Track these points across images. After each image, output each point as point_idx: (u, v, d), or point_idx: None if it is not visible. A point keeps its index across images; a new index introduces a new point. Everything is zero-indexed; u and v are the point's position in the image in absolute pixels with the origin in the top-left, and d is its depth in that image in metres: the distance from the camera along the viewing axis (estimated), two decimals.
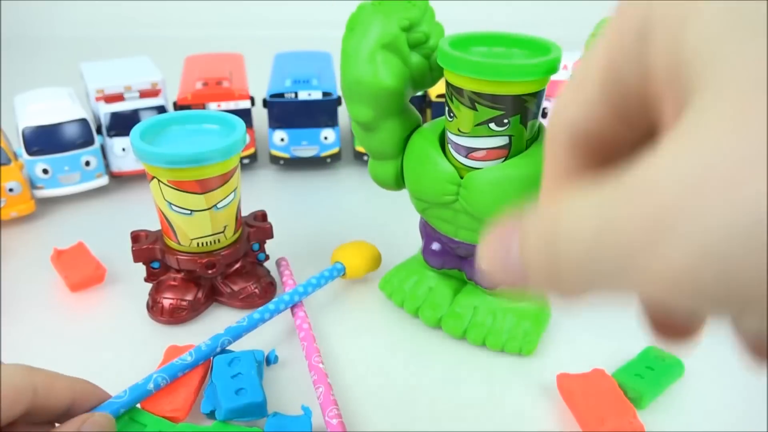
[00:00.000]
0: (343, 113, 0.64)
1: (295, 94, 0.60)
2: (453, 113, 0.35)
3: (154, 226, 0.43)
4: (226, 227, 0.41)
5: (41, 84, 0.62)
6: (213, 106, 0.60)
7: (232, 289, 0.43)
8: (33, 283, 0.46)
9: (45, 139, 0.55)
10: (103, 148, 0.58)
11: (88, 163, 0.56)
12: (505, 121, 0.34)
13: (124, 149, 0.58)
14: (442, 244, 0.40)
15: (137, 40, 1.05)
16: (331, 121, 0.61)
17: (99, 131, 0.59)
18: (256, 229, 0.44)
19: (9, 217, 0.53)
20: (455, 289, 0.42)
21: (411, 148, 0.38)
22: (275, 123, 0.61)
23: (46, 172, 0.55)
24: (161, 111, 0.59)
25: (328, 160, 0.63)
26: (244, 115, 0.60)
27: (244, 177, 0.62)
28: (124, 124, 0.58)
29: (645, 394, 0.35)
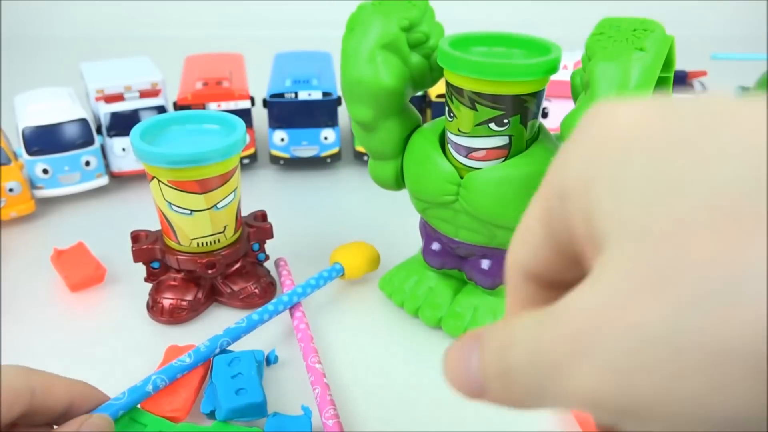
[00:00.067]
0: (343, 113, 0.64)
1: (295, 94, 0.60)
2: (453, 113, 0.35)
3: (154, 226, 0.43)
4: (226, 227, 0.41)
5: (41, 84, 0.62)
6: (213, 106, 0.60)
7: (232, 289, 0.43)
8: (33, 283, 0.46)
9: (45, 139, 0.55)
10: (103, 148, 0.58)
11: (88, 163, 0.56)
12: (505, 121, 0.34)
13: (124, 149, 0.58)
14: (442, 244, 0.40)
15: (137, 40, 1.05)
16: (331, 121, 0.61)
17: (99, 131, 0.59)
18: (256, 229, 0.44)
19: (9, 217, 0.53)
20: (455, 289, 0.42)
21: (411, 148, 0.38)
22: (275, 123, 0.61)
23: (46, 172, 0.55)
24: (161, 111, 0.59)
25: (328, 160, 0.63)
26: (244, 115, 0.60)
27: (244, 177, 0.62)
28: (124, 124, 0.58)
29: None
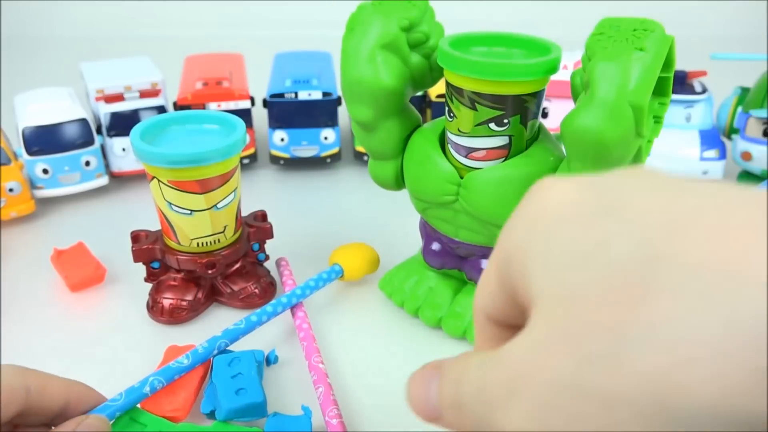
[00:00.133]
0: (343, 113, 0.64)
1: (295, 94, 0.60)
2: (453, 113, 0.35)
3: (154, 226, 0.43)
4: (226, 227, 0.41)
5: (41, 84, 0.62)
6: (213, 106, 0.60)
7: (232, 289, 0.43)
8: (33, 283, 0.46)
9: (45, 139, 0.55)
10: (103, 148, 0.58)
11: (88, 163, 0.56)
12: (505, 121, 0.34)
13: (124, 149, 0.58)
14: (442, 244, 0.40)
15: (137, 40, 1.05)
16: (331, 121, 0.61)
17: (99, 131, 0.59)
18: (256, 229, 0.44)
19: (9, 217, 0.53)
20: (455, 289, 0.42)
21: (411, 148, 0.38)
22: (275, 123, 0.61)
23: (46, 172, 0.55)
24: (161, 111, 0.59)
25: (328, 160, 0.63)
26: (244, 115, 0.60)
27: (244, 177, 0.62)
28: (124, 124, 0.58)
29: None
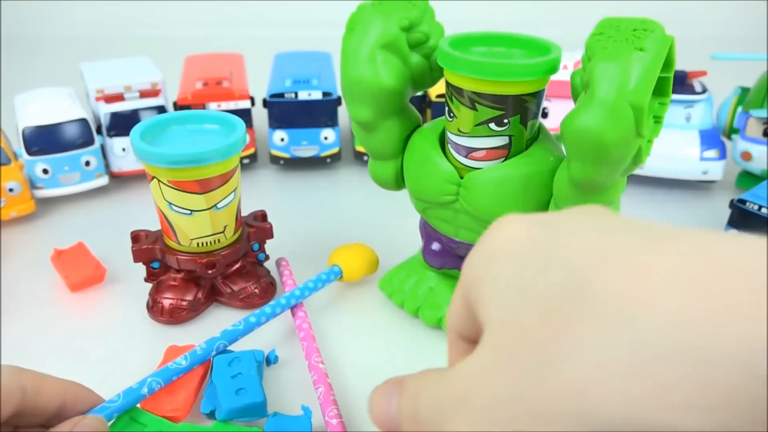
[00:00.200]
0: (343, 113, 0.64)
1: (295, 94, 0.60)
2: (453, 113, 0.35)
3: (154, 226, 0.43)
4: (226, 227, 0.41)
5: (41, 84, 0.62)
6: (213, 106, 0.60)
7: (232, 289, 0.43)
8: (33, 282, 0.46)
9: (45, 139, 0.55)
10: (103, 148, 0.58)
11: (88, 163, 0.56)
12: (505, 121, 0.34)
13: (124, 149, 0.58)
14: (442, 244, 0.40)
15: (137, 40, 1.05)
16: (331, 121, 0.61)
17: (99, 131, 0.59)
18: (256, 229, 0.44)
19: (9, 217, 0.53)
20: (455, 289, 0.42)
21: (411, 148, 0.38)
22: (275, 123, 0.61)
23: (46, 172, 0.55)
24: (161, 111, 0.59)
25: (328, 160, 0.63)
26: (244, 115, 0.60)
27: (244, 177, 0.62)
28: (124, 124, 0.58)
29: None
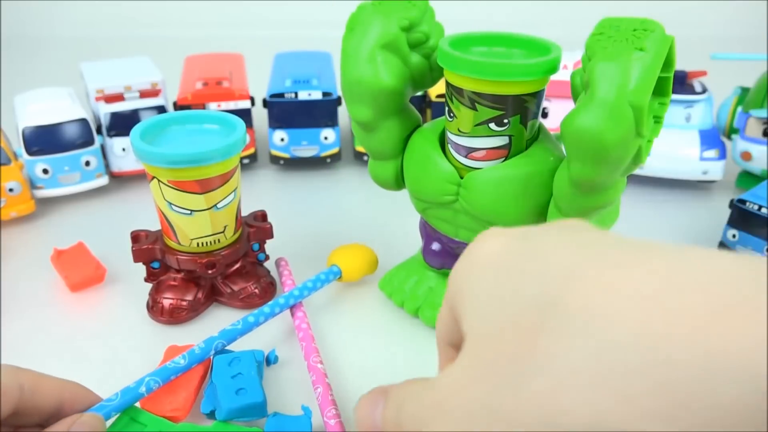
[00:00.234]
0: (343, 113, 0.64)
1: (295, 94, 0.60)
2: (453, 113, 0.35)
3: (154, 226, 0.43)
4: (226, 227, 0.41)
5: (41, 84, 0.62)
6: (213, 106, 0.60)
7: (232, 289, 0.43)
8: (33, 282, 0.46)
9: (45, 139, 0.55)
10: (103, 148, 0.58)
11: (88, 163, 0.56)
12: (505, 121, 0.34)
13: (124, 149, 0.58)
14: (442, 244, 0.40)
15: (137, 40, 1.05)
16: (331, 121, 0.61)
17: (99, 131, 0.59)
18: (256, 229, 0.44)
19: (9, 217, 0.53)
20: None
21: (411, 148, 0.38)
22: (275, 123, 0.61)
23: (46, 172, 0.55)
24: (161, 111, 0.59)
25: (328, 160, 0.63)
26: (244, 115, 0.60)
27: (244, 177, 0.62)
28: (124, 124, 0.58)
29: None
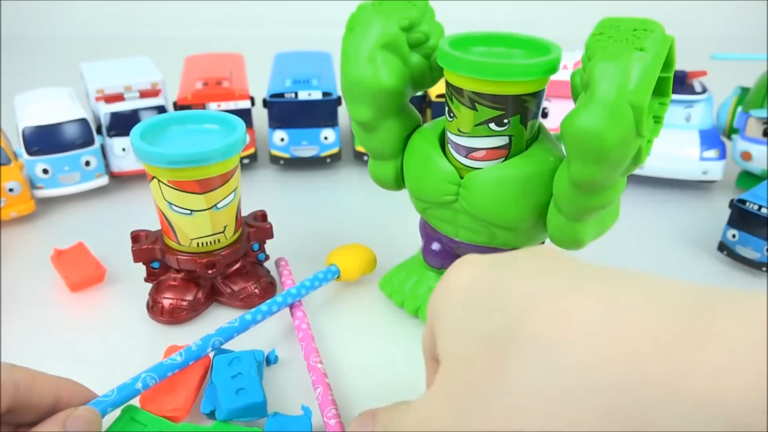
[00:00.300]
0: (343, 113, 0.64)
1: (295, 94, 0.60)
2: (453, 113, 0.35)
3: (154, 226, 0.43)
4: (226, 227, 0.41)
5: (41, 84, 0.62)
6: (213, 106, 0.60)
7: (232, 289, 0.43)
8: (33, 282, 0.46)
9: (45, 139, 0.55)
10: (103, 148, 0.58)
11: (88, 163, 0.56)
12: (505, 121, 0.34)
13: (124, 149, 0.58)
14: (442, 244, 0.40)
15: (137, 40, 1.05)
16: (331, 121, 0.61)
17: (99, 131, 0.59)
18: (256, 229, 0.44)
19: (9, 217, 0.53)
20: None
21: (411, 148, 0.38)
22: (275, 123, 0.61)
23: (46, 172, 0.55)
24: (161, 111, 0.59)
25: (328, 160, 0.63)
26: (244, 115, 0.60)
27: (244, 177, 0.62)
28: (124, 124, 0.58)
29: None
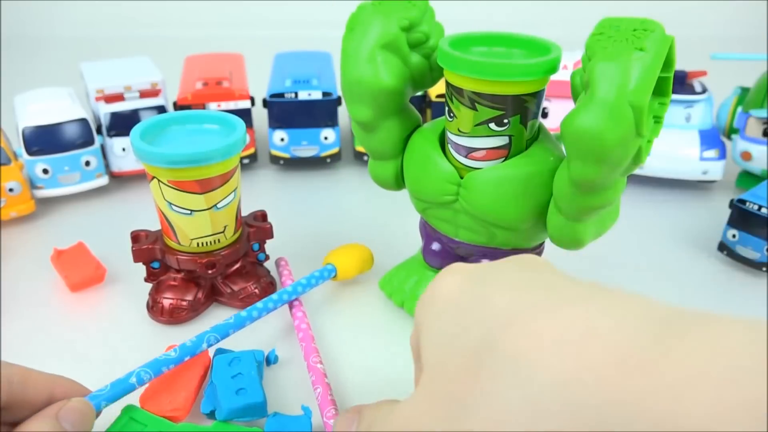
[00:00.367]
0: (343, 113, 0.64)
1: (295, 94, 0.60)
2: (453, 113, 0.35)
3: (154, 226, 0.43)
4: (226, 227, 0.41)
5: (41, 84, 0.62)
6: (213, 106, 0.60)
7: (232, 289, 0.43)
8: (33, 282, 0.46)
9: (45, 139, 0.55)
10: (103, 148, 0.58)
11: (88, 163, 0.56)
12: (505, 121, 0.34)
13: (124, 149, 0.58)
14: (442, 244, 0.40)
15: (137, 40, 1.05)
16: (331, 121, 0.61)
17: (99, 131, 0.59)
18: (256, 229, 0.44)
19: (9, 217, 0.53)
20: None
21: (411, 148, 0.38)
22: (275, 123, 0.61)
23: (46, 172, 0.55)
24: (161, 111, 0.59)
25: (328, 160, 0.63)
26: (244, 115, 0.60)
27: (244, 177, 0.62)
28: (124, 124, 0.58)
29: None
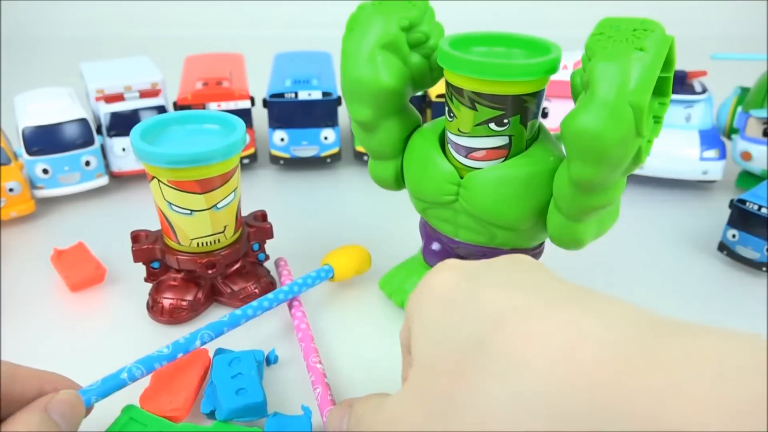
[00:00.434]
0: (343, 113, 0.64)
1: (295, 94, 0.60)
2: (453, 113, 0.35)
3: (154, 226, 0.43)
4: (226, 227, 0.41)
5: (41, 84, 0.62)
6: (213, 106, 0.60)
7: (232, 289, 0.43)
8: (33, 283, 0.46)
9: (45, 139, 0.55)
10: (103, 148, 0.58)
11: (88, 163, 0.56)
12: (505, 121, 0.34)
13: (124, 149, 0.58)
14: (442, 244, 0.40)
15: (137, 40, 1.05)
16: (331, 121, 0.61)
17: (99, 131, 0.59)
18: (256, 229, 0.44)
19: (9, 217, 0.53)
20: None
21: (411, 148, 0.38)
22: (275, 123, 0.61)
23: (46, 172, 0.55)
24: (161, 111, 0.59)
25: (328, 160, 0.63)
26: (244, 115, 0.60)
27: (244, 177, 0.62)
28: (124, 124, 0.58)
29: None
